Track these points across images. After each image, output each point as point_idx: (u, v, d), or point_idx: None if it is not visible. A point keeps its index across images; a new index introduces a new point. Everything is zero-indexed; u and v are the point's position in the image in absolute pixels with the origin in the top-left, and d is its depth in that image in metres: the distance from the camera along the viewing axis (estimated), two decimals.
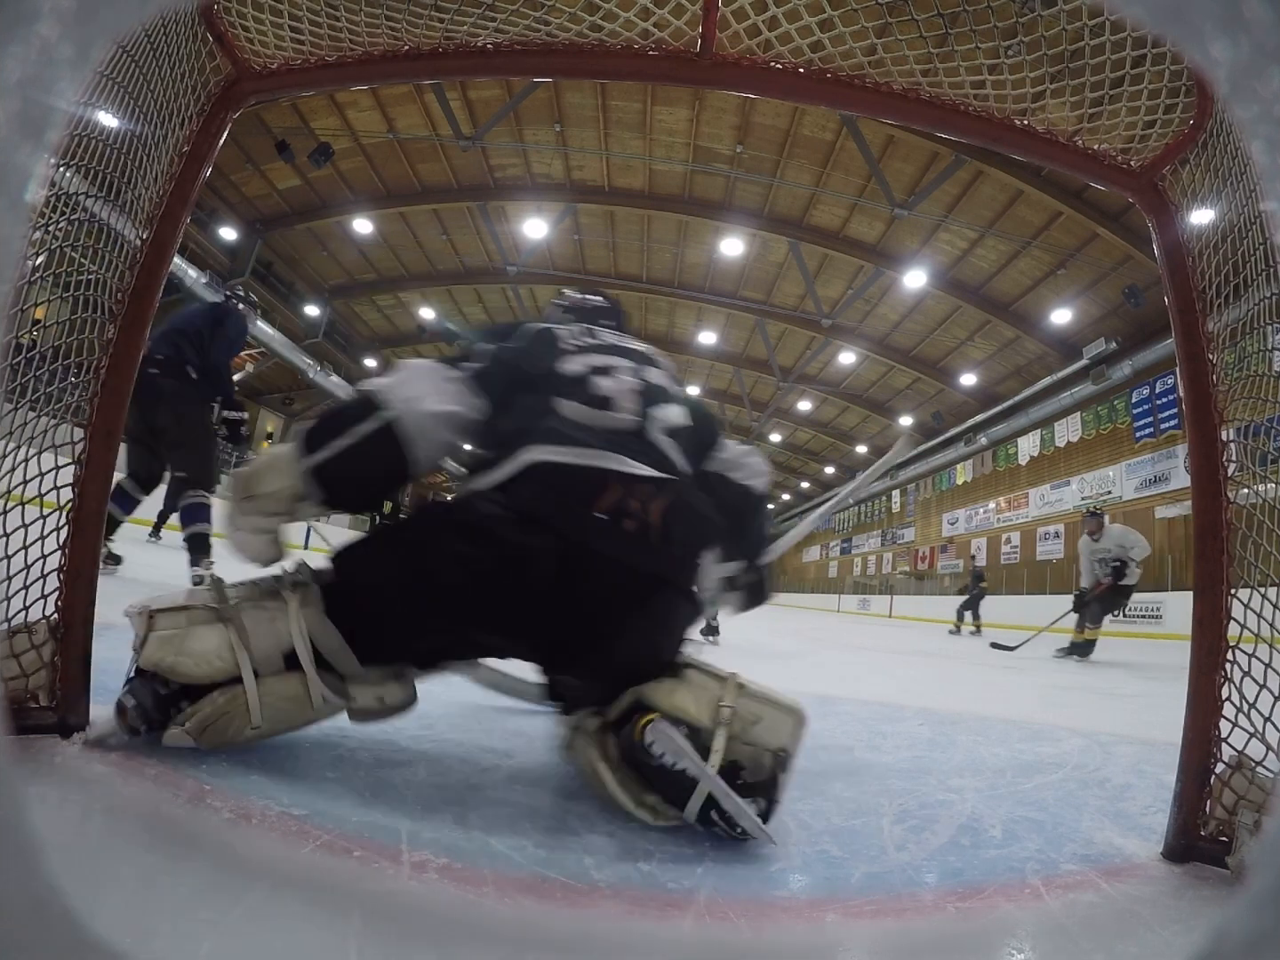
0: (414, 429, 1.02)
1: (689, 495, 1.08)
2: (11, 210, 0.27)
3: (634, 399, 1.15)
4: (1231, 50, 0.27)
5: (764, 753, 0.94)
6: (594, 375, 1.17)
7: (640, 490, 1.00)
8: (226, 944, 0.56)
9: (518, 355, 1.21)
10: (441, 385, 1.09)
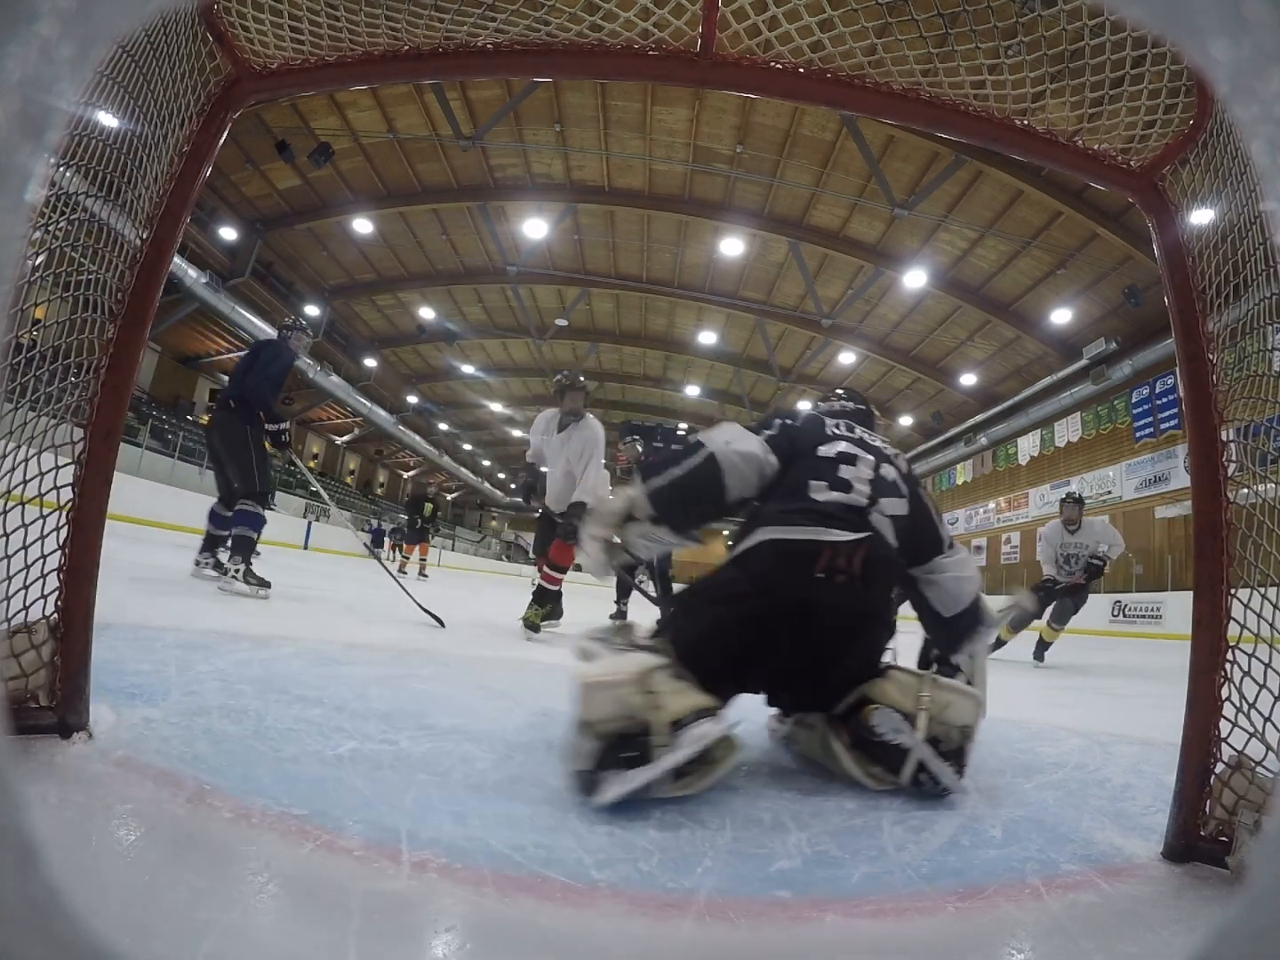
0: (727, 464, 1.38)
1: (881, 549, 1.36)
2: (11, 210, 0.27)
3: (866, 486, 1.44)
4: (1231, 50, 0.27)
5: (953, 729, 1.25)
6: (842, 462, 1.47)
7: (846, 550, 1.29)
8: (226, 944, 0.56)
9: (798, 430, 1.55)
10: (748, 436, 1.46)
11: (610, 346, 23.07)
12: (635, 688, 1.07)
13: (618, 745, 1.03)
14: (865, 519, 1.37)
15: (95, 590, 1.01)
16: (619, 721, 1.05)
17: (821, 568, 1.27)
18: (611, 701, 1.05)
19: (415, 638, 3.04)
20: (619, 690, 1.06)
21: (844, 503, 1.38)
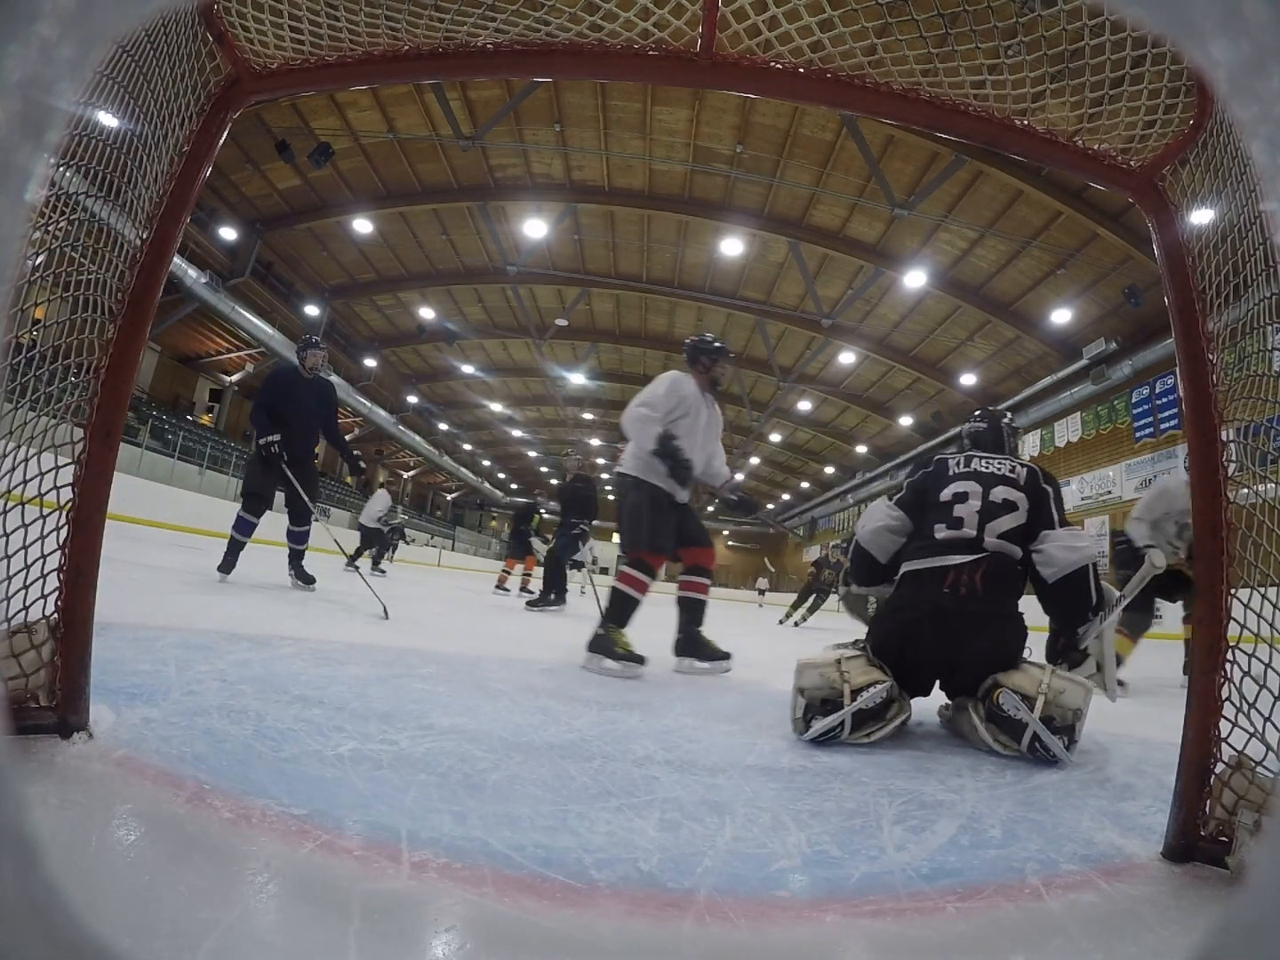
0: (866, 543, 2.06)
1: (999, 563, 1.85)
2: (11, 210, 0.27)
3: (974, 520, 1.90)
4: (1231, 50, 0.27)
5: (1067, 710, 1.63)
6: (956, 503, 1.94)
7: (968, 568, 1.82)
8: (226, 944, 0.56)
9: (925, 485, 2.06)
10: (877, 512, 2.07)
11: (610, 346, 23.06)
12: (833, 667, 1.67)
13: (819, 704, 1.62)
14: (980, 544, 1.86)
15: (95, 590, 1.01)
16: (822, 690, 1.64)
17: (948, 584, 1.81)
18: (817, 675, 1.66)
19: (415, 638, 3.04)
20: (822, 668, 1.67)
21: (958, 538, 1.87)
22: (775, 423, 26.57)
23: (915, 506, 2.02)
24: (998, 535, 1.87)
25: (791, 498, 37.11)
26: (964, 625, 1.77)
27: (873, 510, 2.08)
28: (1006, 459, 2.09)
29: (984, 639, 1.77)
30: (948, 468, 2.05)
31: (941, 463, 2.09)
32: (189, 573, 4.06)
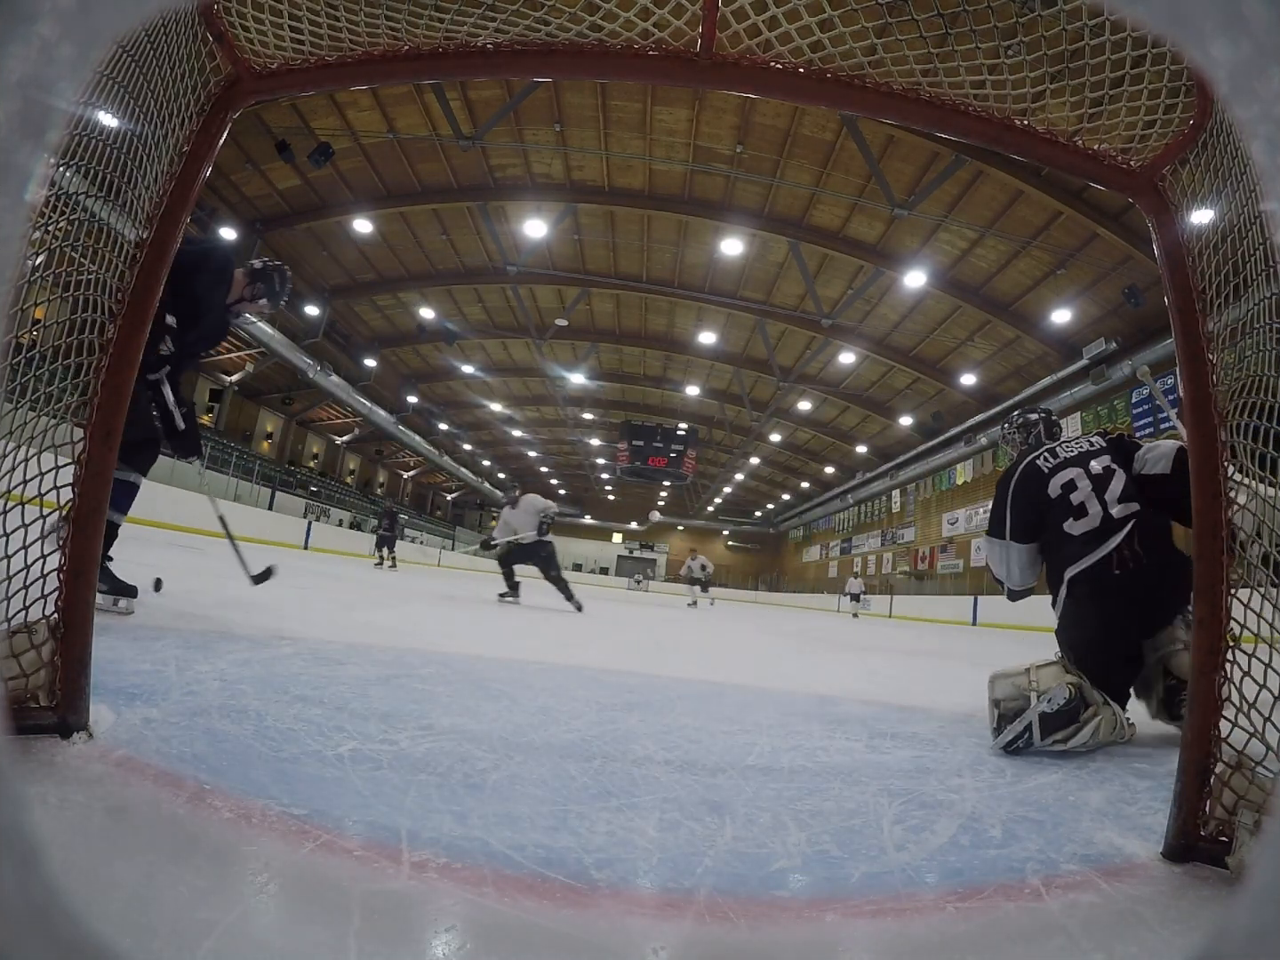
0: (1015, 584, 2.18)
1: (1144, 524, 1.92)
2: (11, 210, 0.27)
3: (1093, 498, 1.99)
4: (1231, 50, 0.27)
5: None
6: (1068, 493, 2.01)
7: (1123, 544, 1.89)
8: (226, 944, 0.56)
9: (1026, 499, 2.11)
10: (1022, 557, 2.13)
11: (610, 346, 23.07)
12: (1023, 675, 1.66)
13: (1012, 715, 1.61)
14: (1113, 519, 1.92)
15: (95, 590, 1.01)
16: (1015, 700, 1.63)
17: (1116, 566, 1.87)
18: (1009, 685, 1.66)
19: (415, 638, 3.04)
20: (1014, 678, 1.66)
21: (1091, 525, 1.94)
22: (775, 423, 26.58)
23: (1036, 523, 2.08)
24: (1120, 501, 1.95)
25: (791, 498, 37.11)
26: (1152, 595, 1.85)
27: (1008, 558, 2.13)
28: (1077, 438, 2.19)
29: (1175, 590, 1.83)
30: (1038, 469, 2.12)
31: (1031, 467, 2.14)
32: (189, 573, 4.06)
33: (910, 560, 24.71)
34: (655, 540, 42.29)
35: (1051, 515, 2.02)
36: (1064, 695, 1.59)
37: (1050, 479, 2.06)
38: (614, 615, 7.75)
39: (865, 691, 2.89)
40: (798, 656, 4.80)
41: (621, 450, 26.26)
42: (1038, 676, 1.63)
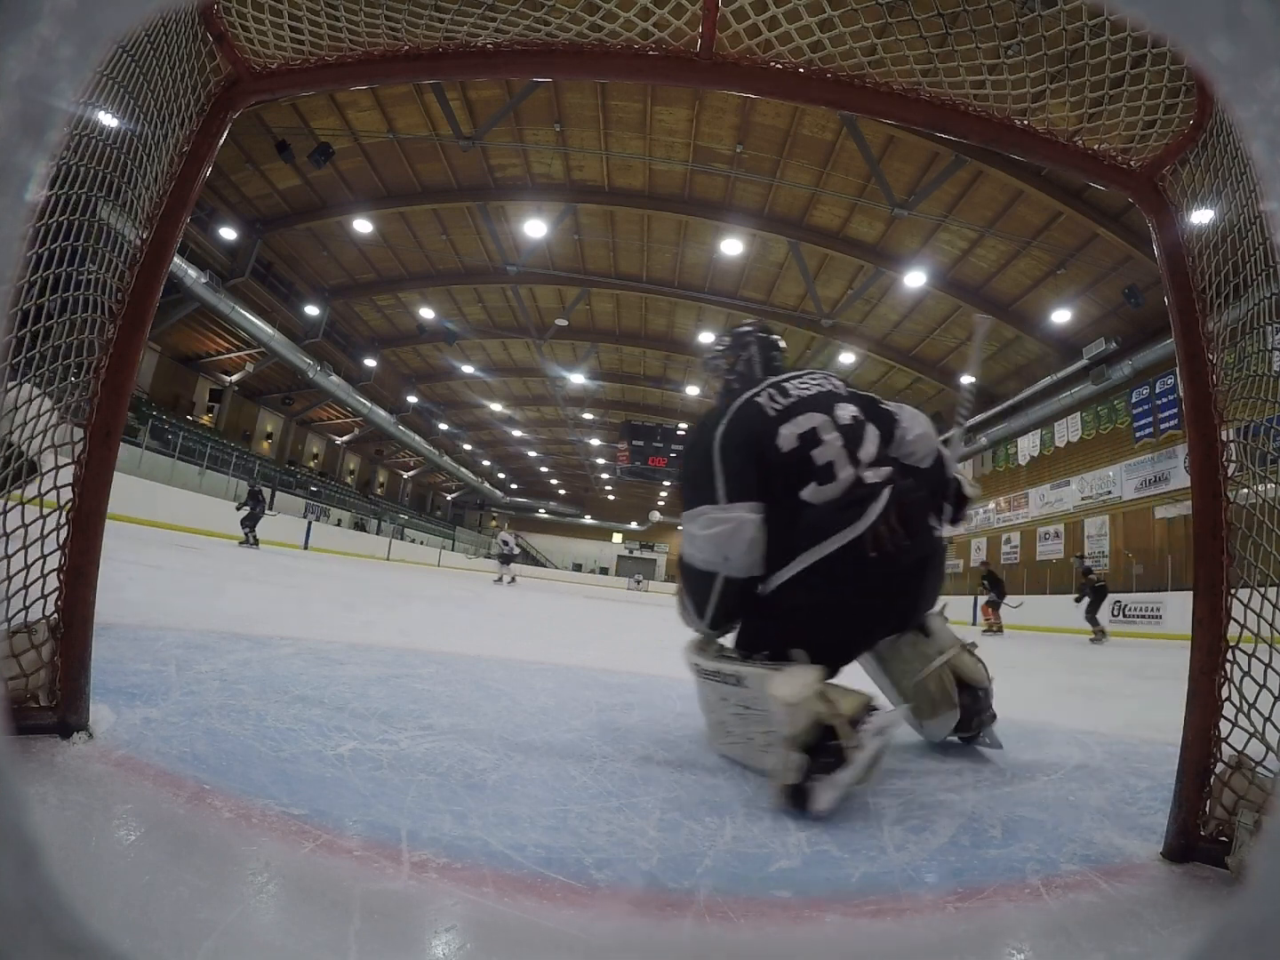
0: (744, 569, 1.41)
1: (906, 493, 1.43)
2: (11, 210, 0.27)
3: (844, 455, 1.44)
4: (1231, 50, 0.27)
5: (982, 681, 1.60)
6: (809, 449, 1.44)
7: (881, 519, 1.36)
8: (226, 944, 0.56)
9: (742, 449, 1.45)
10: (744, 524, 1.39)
11: (610, 346, 23.08)
12: (818, 698, 1.15)
13: (815, 752, 1.11)
14: (865, 484, 1.41)
15: (95, 590, 1.01)
16: (813, 731, 1.13)
17: (872, 549, 1.35)
18: (805, 715, 1.13)
19: (415, 638, 3.04)
20: (811, 706, 1.14)
21: (840, 493, 1.41)
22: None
23: (756, 484, 1.42)
24: (874, 462, 1.46)
25: None
26: (910, 581, 1.44)
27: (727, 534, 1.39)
28: (808, 372, 1.62)
29: (934, 583, 1.51)
30: (760, 410, 1.48)
31: (750, 407, 1.49)
32: (189, 573, 4.06)
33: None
34: (655, 540, 42.29)
35: (781, 476, 1.41)
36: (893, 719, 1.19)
37: (780, 425, 1.45)
38: (614, 615, 7.75)
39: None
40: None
41: (621, 450, 26.26)
42: (834, 693, 1.17)
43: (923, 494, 1.48)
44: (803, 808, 1.07)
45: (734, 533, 1.39)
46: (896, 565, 1.37)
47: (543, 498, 42.97)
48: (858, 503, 1.38)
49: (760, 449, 1.44)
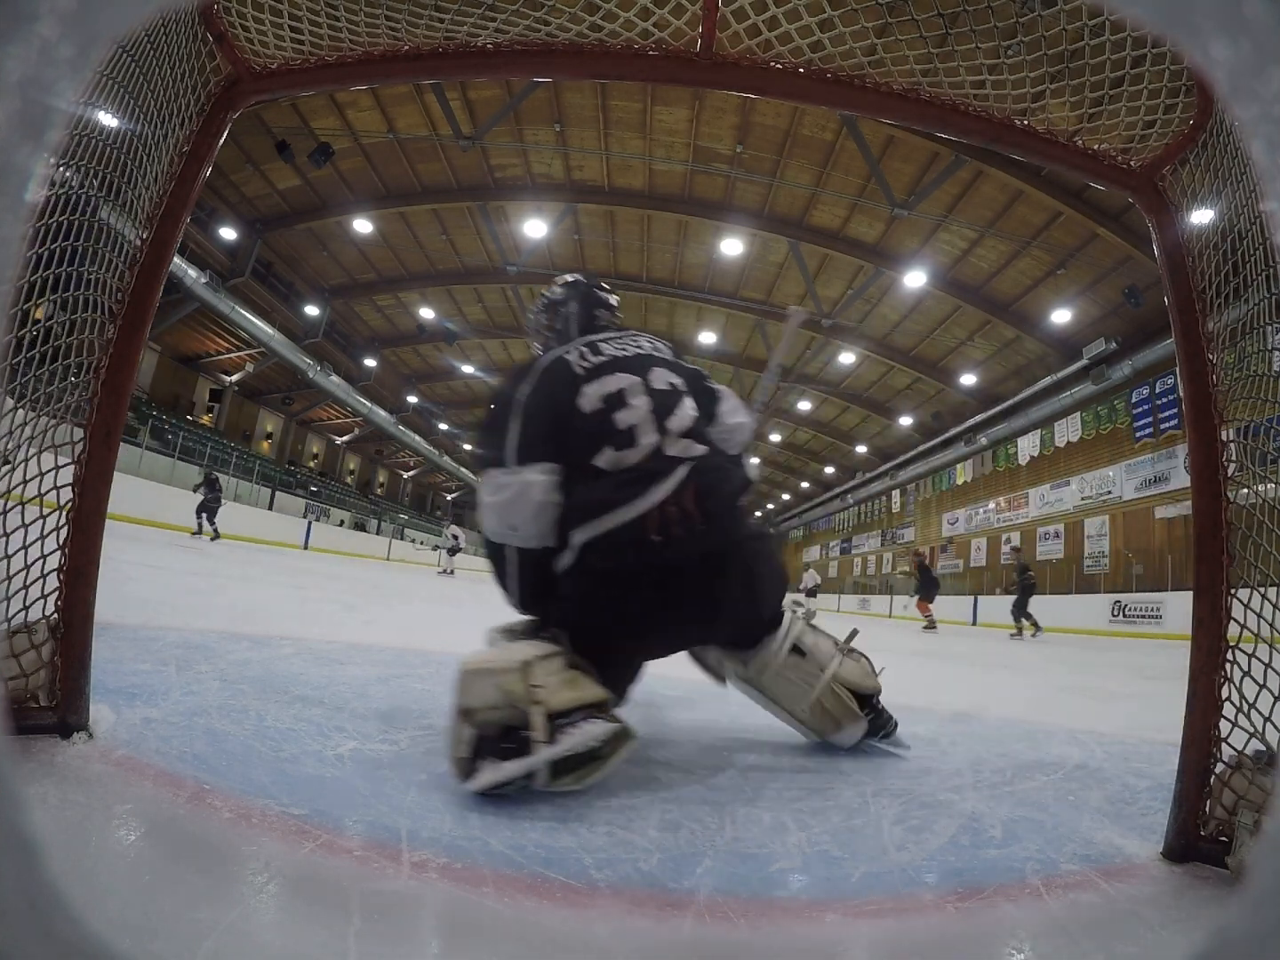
0: (536, 538, 1.28)
1: (708, 473, 1.28)
2: (11, 210, 0.27)
3: (651, 421, 1.31)
4: (1231, 50, 0.27)
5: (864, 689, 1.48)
6: (612, 411, 1.31)
7: (672, 499, 1.21)
8: (226, 944, 0.56)
9: (542, 407, 1.33)
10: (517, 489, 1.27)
11: None
12: (517, 676, 1.04)
13: (497, 735, 1.01)
14: (664, 457, 1.28)
15: (95, 590, 1.01)
16: (500, 710, 1.02)
17: (654, 530, 1.19)
18: (493, 689, 1.03)
19: (415, 638, 3.04)
20: (500, 678, 1.04)
21: (638, 460, 1.27)
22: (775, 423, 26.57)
23: (546, 434, 1.30)
24: (683, 434, 1.32)
25: (791, 498, 37.11)
26: (702, 574, 1.24)
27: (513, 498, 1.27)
28: (630, 332, 1.52)
29: (733, 573, 1.28)
30: (567, 367, 1.37)
31: (558, 364, 1.38)
32: (189, 573, 4.06)
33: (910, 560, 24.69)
34: None
35: (579, 440, 1.29)
36: (603, 738, 1.04)
37: (586, 384, 1.34)
38: None
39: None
40: None
41: None
42: (543, 679, 1.05)
43: (731, 480, 1.34)
44: (464, 780, 1.00)
45: (518, 498, 1.26)
46: (685, 554, 1.21)
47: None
48: (645, 478, 1.24)
49: (561, 409, 1.31)
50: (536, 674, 1.05)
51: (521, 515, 1.26)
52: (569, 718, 1.03)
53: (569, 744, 1.00)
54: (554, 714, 1.02)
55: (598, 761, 1.05)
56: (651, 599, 1.22)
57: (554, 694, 1.04)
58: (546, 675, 1.07)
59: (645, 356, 1.44)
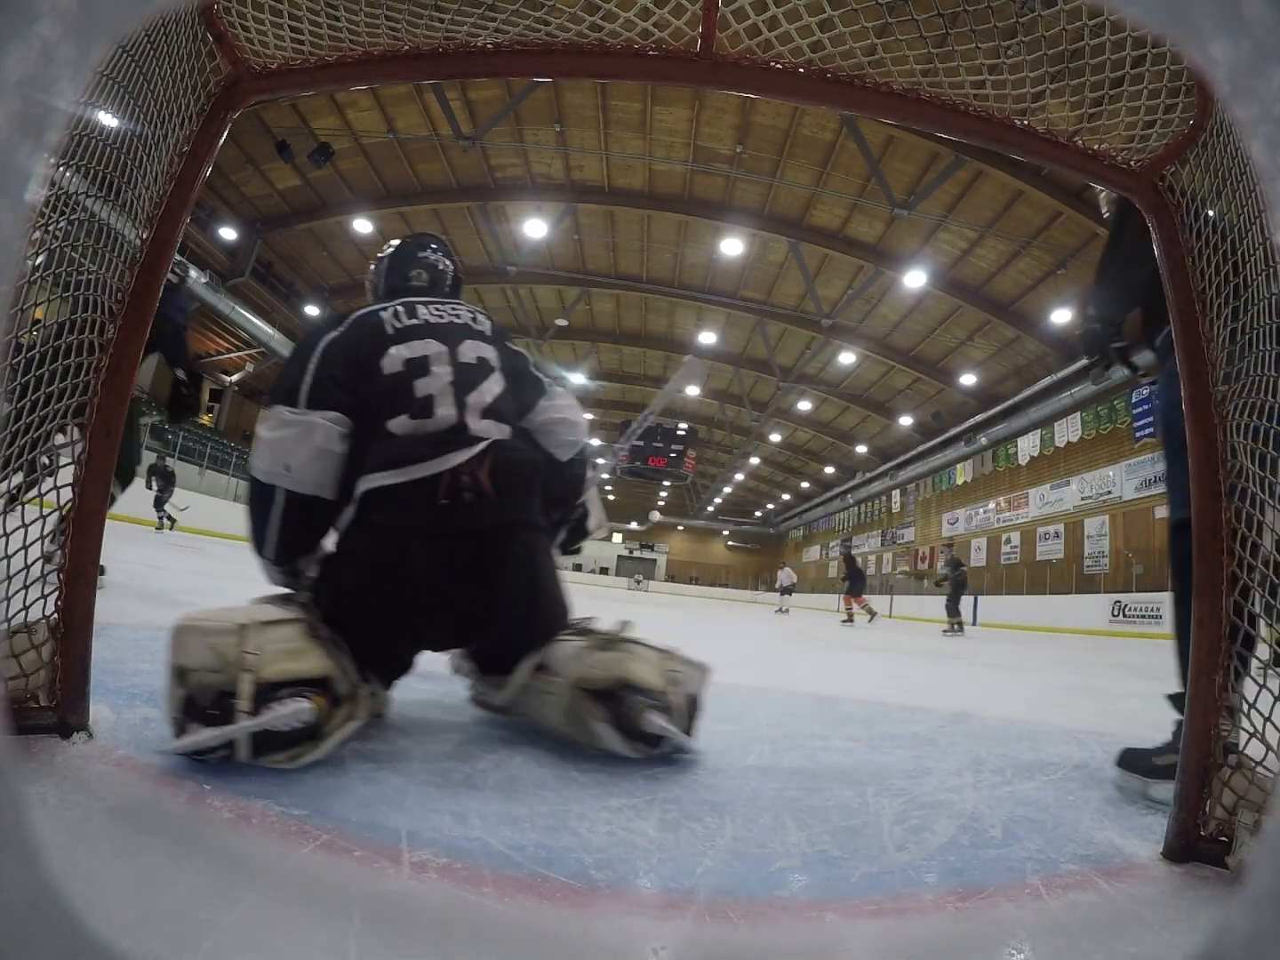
0: (308, 480, 1.24)
1: (508, 450, 1.30)
2: (11, 210, 0.27)
3: (450, 393, 1.31)
4: (1231, 50, 0.27)
5: (684, 697, 1.29)
6: (412, 378, 1.31)
7: (466, 467, 1.22)
8: (226, 944, 0.56)
9: (347, 354, 1.33)
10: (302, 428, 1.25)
11: (610, 346, 23.09)
12: (233, 639, 0.98)
13: (207, 698, 0.95)
14: (467, 431, 1.27)
15: (95, 590, 1.01)
16: (214, 674, 0.96)
17: (444, 495, 1.20)
18: (205, 649, 0.98)
19: None
20: (214, 639, 0.98)
21: (433, 430, 1.26)
22: (775, 423, 26.58)
23: (347, 387, 1.29)
24: (484, 411, 1.32)
25: (791, 498, 37.12)
26: (482, 545, 1.23)
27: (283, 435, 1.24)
28: (460, 303, 1.52)
29: (514, 556, 1.27)
30: (379, 323, 1.38)
31: (371, 318, 1.39)
32: (190, 572, 4.06)
33: (910, 560, 24.70)
34: (655, 540, 42.31)
35: (376, 400, 1.29)
36: (306, 719, 0.98)
37: (392, 345, 1.34)
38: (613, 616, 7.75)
39: (865, 691, 2.89)
40: (797, 656, 4.80)
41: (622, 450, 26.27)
42: (261, 644, 1.00)
43: (532, 466, 1.35)
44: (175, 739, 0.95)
45: (300, 438, 1.23)
46: (471, 524, 1.20)
47: None
48: (445, 444, 1.23)
49: (363, 365, 1.31)
50: (253, 639, 0.99)
51: (299, 457, 1.23)
52: (278, 691, 0.98)
53: (267, 719, 0.94)
54: (265, 684, 0.97)
55: (313, 741, 1.01)
56: (426, 568, 1.20)
57: (269, 663, 0.99)
58: (269, 642, 1.01)
59: (460, 327, 1.43)
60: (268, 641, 1.01)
